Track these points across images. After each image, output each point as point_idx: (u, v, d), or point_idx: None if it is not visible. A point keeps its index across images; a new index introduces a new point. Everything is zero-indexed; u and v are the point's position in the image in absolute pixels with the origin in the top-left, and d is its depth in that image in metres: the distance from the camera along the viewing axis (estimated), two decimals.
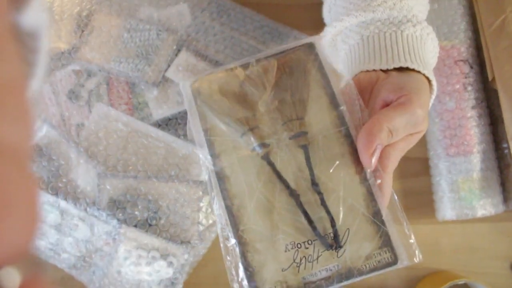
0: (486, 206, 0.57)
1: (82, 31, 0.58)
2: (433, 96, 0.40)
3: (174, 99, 0.57)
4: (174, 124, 0.56)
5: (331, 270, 0.31)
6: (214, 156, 0.33)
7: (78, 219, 0.52)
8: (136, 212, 0.52)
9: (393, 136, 0.32)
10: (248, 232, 0.31)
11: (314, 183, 0.32)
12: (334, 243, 0.31)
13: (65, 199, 0.52)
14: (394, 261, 0.31)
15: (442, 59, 0.59)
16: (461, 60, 0.59)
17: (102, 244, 0.52)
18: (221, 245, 0.32)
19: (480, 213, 0.57)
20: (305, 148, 0.33)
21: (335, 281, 0.31)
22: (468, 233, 0.61)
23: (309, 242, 0.31)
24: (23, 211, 0.14)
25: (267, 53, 0.36)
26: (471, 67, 0.59)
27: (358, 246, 0.31)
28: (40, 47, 0.24)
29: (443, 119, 0.59)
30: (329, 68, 0.36)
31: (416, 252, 0.32)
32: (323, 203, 0.32)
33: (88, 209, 0.52)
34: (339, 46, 0.43)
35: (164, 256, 0.52)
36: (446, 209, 0.58)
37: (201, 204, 0.54)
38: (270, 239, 0.31)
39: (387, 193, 0.34)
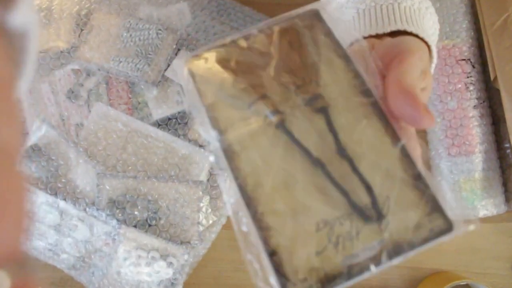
0: (488, 206, 0.57)
1: (81, 30, 0.58)
2: (433, 65, 0.38)
3: (174, 99, 0.56)
4: (174, 124, 0.56)
5: (375, 247, 0.25)
6: (219, 132, 0.29)
7: (77, 219, 0.52)
8: (136, 212, 0.52)
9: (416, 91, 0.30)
10: (268, 214, 0.26)
11: (341, 149, 0.28)
12: (375, 214, 0.26)
13: (64, 199, 0.51)
14: (449, 227, 0.26)
15: (444, 58, 0.59)
16: (463, 59, 0.59)
17: (102, 244, 0.52)
18: (237, 235, 0.26)
19: (482, 213, 0.57)
20: (324, 111, 0.29)
21: (383, 260, 0.25)
22: (470, 233, 0.61)
23: (344, 217, 0.26)
24: (12, 213, 0.14)
25: (269, 22, 0.33)
26: (473, 67, 0.59)
27: (404, 216, 0.26)
28: (28, 47, 0.24)
29: (445, 118, 0.58)
30: (340, 33, 0.32)
31: (470, 216, 0.27)
32: (354, 169, 0.27)
33: (87, 209, 0.51)
34: None
35: (164, 257, 0.52)
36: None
37: (201, 204, 0.54)
38: (296, 219, 0.26)
39: (419, 152, 0.30)
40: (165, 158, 0.54)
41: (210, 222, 0.54)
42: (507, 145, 0.58)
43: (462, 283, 0.56)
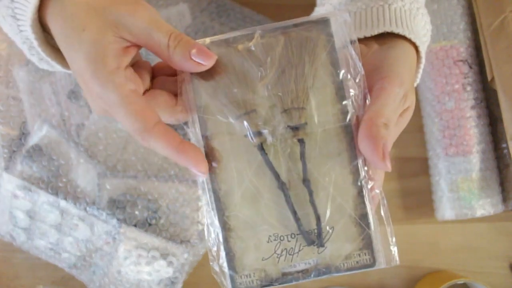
0: (485, 206, 0.57)
1: None
2: (422, 66, 0.39)
3: None
4: (173, 124, 0.56)
5: (309, 264, 0.32)
6: (206, 136, 0.32)
7: (78, 218, 0.52)
8: (136, 212, 0.52)
9: (389, 126, 0.31)
10: (233, 218, 0.32)
11: (306, 179, 0.32)
12: (317, 240, 0.32)
13: (65, 198, 0.52)
14: (372, 263, 0.32)
15: (441, 59, 0.60)
16: (461, 60, 0.59)
17: (102, 243, 0.53)
18: (205, 227, 0.32)
19: (479, 213, 0.57)
20: (301, 142, 0.32)
21: (312, 275, 0.32)
22: (467, 233, 0.62)
23: (292, 235, 0.32)
24: None
25: (275, 25, 0.33)
26: (470, 67, 0.59)
27: (340, 246, 0.32)
28: None
29: (443, 119, 0.59)
30: (344, 51, 0.33)
31: (396, 256, 0.33)
32: (311, 200, 0.32)
33: (88, 208, 0.52)
34: None
35: (164, 256, 0.52)
36: (446, 209, 0.58)
37: (201, 204, 0.54)
38: (254, 228, 0.32)
39: (376, 194, 0.33)
40: (165, 157, 0.54)
41: (209, 221, 0.55)
42: (504, 145, 0.59)
43: (459, 282, 0.56)
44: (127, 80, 0.31)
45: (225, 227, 0.32)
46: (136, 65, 0.34)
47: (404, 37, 0.37)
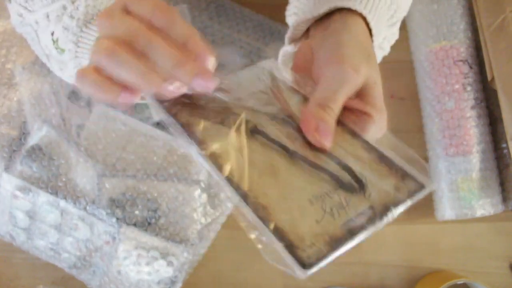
0: (485, 206, 0.57)
1: None
2: (375, 43, 0.37)
3: None
4: None
5: (366, 211, 0.28)
6: (199, 142, 0.31)
7: (78, 218, 0.52)
8: (136, 211, 0.52)
9: (328, 105, 0.31)
10: (261, 197, 0.28)
11: (311, 144, 0.31)
12: (357, 186, 0.29)
13: (65, 198, 0.52)
14: (422, 186, 0.29)
15: (442, 59, 0.60)
16: (461, 60, 0.59)
17: (102, 243, 0.53)
18: (245, 227, 0.28)
19: (479, 213, 0.57)
20: (291, 118, 0.32)
21: (377, 219, 0.28)
22: (467, 233, 0.62)
23: (332, 191, 0.29)
24: None
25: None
26: (471, 67, 0.59)
27: (382, 184, 0.29)
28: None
29: (442, 119, 0.59)
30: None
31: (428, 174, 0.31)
32: (330, 156, 0.30)
33: (87, 208, 0.52)
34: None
35: (163, 256, 0.52)
36: (446, 209, 0.58)
37: (200, 203, 0.54)
38: (288, 198, 0.28)
39: (382, 131, 0.33)
40: (165, 157, 0.54)
41: (209, 220, 0.55)
42: (504, 145, 0.59)
43: (459, 282, 0.56)
44: None
45: (258, 208, 0.28)
46: None
47: (355, 13, 0.35)
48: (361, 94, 0.33)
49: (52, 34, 0.38)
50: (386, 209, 0.28)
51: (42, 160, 0.53)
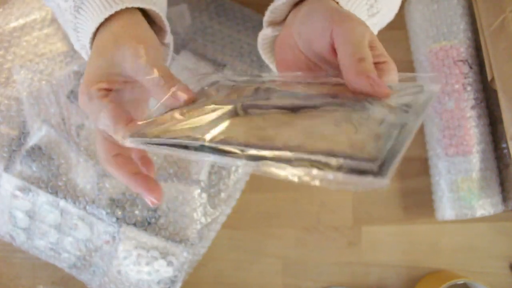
0: (485, 206, 0.57)
1: None
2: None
3: None
4: None
5: (389, 118, 0.26)
6: (199, 139, 0.29)
7: (77, 218, 0.52)
8: (135, 211, 0.52)
9: (366, 58, 0.30)
10: (295, 141, 0.26)
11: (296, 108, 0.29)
12: (367, 100, 0.28)
13: (65, 198, 0.52)
14: (422, 87, 0.29)
15: (442, 59, 0.60)
16: (461, 60, 0.59)
17: (102, 243, 0.53)
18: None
19: (479, 213, 0.57)
20: (270, 90, 0.32)
21: (408, 125, 0.25)
22: (467, 233, 0.62)
23: (348, 115, 0.27)
24: None
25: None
26: (471, 67, 0.59)
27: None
28: (168, 54, 0.42)
29: (443, 119, 0.59)
30: None
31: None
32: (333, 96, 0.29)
33: (87, 207, 0.52)
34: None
35: (163, 255, 0.52)
36: (446, 209, 0.58)
37: (200, 202, 0.54)
38: (316, 132, 0.26)
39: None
40: (164, 156, 0.54)
41: (209, 220, 0.55)
42: (504, 145, 0.59)
43: (459, 282, 0.56)
44: None
45: (292, 148, 0.25)
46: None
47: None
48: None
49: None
50: (406, 111, 0.27)
51: (41, 160, 0.53)
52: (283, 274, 0.61)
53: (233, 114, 0.30)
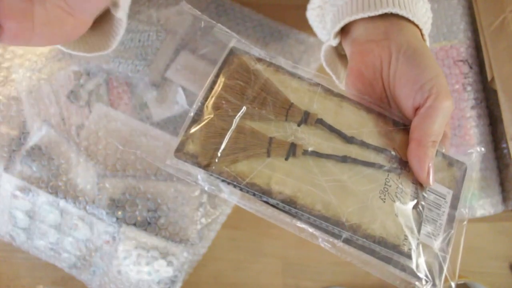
0: (485, 205, 0.57)
1: None
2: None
3: (173, 100, 0.57)
4: (173, 122, 0.56)
5: (416, 190, 0.32)
6: (243, 181, 0.31)
7: (77, 218, 0.52)
8: (136, 211, 0.52)
9: (438, 140, 0.33)
10: (351, 216, 0.30)
11: (349, 138, 0.33)
12: (398, 163, 0.32)
13: (65, 198, 0.52)
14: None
15: (442, 59, 0.60)
16: (461, 60, 0.59)
17: (102, 243, 0.53)
18: (350, 259, 0.31)
19: (479, 213, 0.57)
20: (320, 120, 0.33)
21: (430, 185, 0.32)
22: (467, 232, 0.62)
23: (387, 180, 0.32)
24: None
25: (207, 86, 0.34)
26: (471, 67, 0.59)
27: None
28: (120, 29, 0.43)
29: None
30: (265, 55, 0.35)
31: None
32: (364, 144, 0.32)
33: (87, 208, 0.52)
34: (327, 10, 0.42)
35: (163, 255, 0.52)
36: None
37: (200, 202, 0.54)
38: (367, 205, 0.31)
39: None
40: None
41: (209, 220, 0.55)
42: (504, 145, 0.59)
43: (459, 282, 0.56)
44: None
45: (353, 228, 0.30)
46: None
47: (407, 20, 0.37)
48: None
49: None
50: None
51: (42, 160, 0.53)
52: (283, 274, 0.60)
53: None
